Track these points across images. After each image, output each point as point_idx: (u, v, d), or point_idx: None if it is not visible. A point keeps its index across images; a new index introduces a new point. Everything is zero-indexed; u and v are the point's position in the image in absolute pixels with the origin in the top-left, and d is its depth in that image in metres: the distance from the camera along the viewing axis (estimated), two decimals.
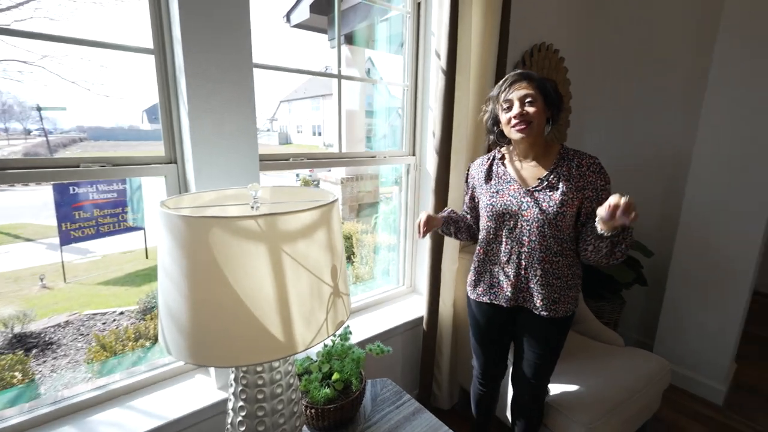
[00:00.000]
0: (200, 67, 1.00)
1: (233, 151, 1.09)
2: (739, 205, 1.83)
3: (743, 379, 2.18)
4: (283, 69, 1.32)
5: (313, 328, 0.68)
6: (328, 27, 3.89)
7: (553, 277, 1.14)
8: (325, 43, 4.47)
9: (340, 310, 0.75)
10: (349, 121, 3.76)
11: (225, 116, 1.06)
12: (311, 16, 3.89)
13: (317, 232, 0.68)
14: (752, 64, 1.72)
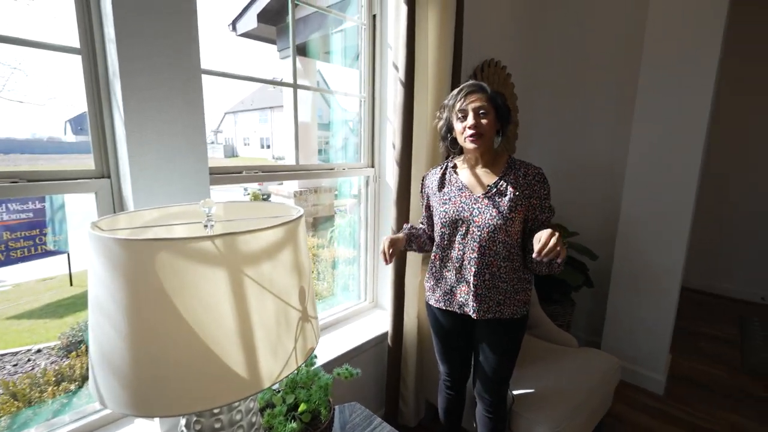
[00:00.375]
0: (139, 71, 0.89)
1: (179, 164, 0.98)
2: (666, 210, 2.02)
3: (677, 369, 2.39)
4: (236, 76, 1.24)
5: (280, 360, 0.60)
6: (278, 37, 3.79)
7: (499, 280, 1.19)
8: (274, 54, 4.36)
9: (309, 335, 0.68)
10: (301, 133, 3.66)
11: (169, 125, 0.95)
12: (259, 26, 3.77)
13: (283, 252, 0.61)
14: (674, 79, 1.93)
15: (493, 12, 2.13)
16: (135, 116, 0.90)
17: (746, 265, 3.47)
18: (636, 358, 2.19)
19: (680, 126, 1.93)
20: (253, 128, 8.90)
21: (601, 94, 2.38)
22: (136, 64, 0.88)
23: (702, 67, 1.84)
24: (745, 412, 2.01)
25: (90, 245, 0.54)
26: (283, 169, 1.44)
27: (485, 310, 1.21)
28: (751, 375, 2.34)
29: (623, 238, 2.18)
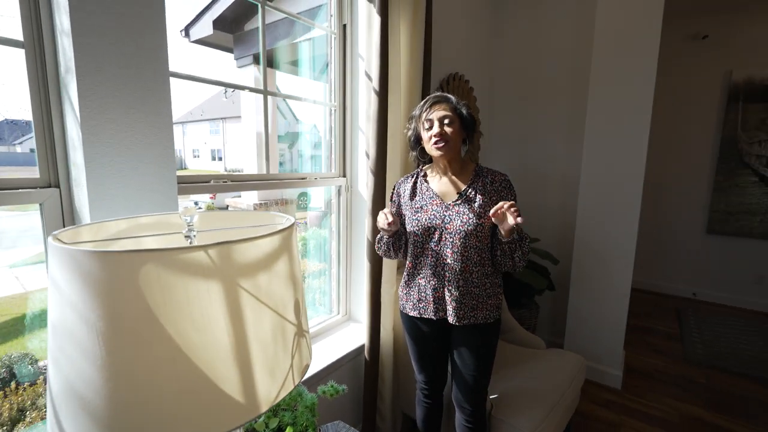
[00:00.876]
0: (100, 69, 0.80)
1: (144, 172, 0.89)
2: (617, 215, 2.18)
3: (631, 363, 2.55)
4: (207, 81, 1.16)
5: (278, 379, 0.55)
6: (235, 46, 3.67)
7: (472, 285, 1.22)
8: (230, 63, 4.20)
9: (304, 352, 0.63)
10: (259, 143, 3.54)
11: (134, 130, 0.87)
12: (215, 33, 3.63)
13: (278, 262, 0.57)
14: (618, 97, 2.11)
15: (457, 28, 2.22)
16: (93, 119, 0.81)
17: (679, 264, 3.84)
18: (596, 355, 2.32)
19: (626, 139, 2.11)
20: (203, 139, 8.48)
21: (554, 107, 2.55)
22: (97, 61, 0.80)
23: (642, 87, 2.04)
24: (691, 399, 2.18)
25: (53, 261, 0.47)
26: (254, 179, 1.37)
27: (461, 316, 1.23)
28: (692, 364, 2.56)
29: (580, 243, 2.32)
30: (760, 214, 3.44)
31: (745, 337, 2.93)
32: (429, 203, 1.26)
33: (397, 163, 1.55)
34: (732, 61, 3.43)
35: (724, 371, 2.47)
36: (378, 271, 1.55)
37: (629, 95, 2.08)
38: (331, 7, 1.65)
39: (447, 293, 1.23)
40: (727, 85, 3.47)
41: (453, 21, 2.16)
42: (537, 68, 2.58)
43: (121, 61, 0.83)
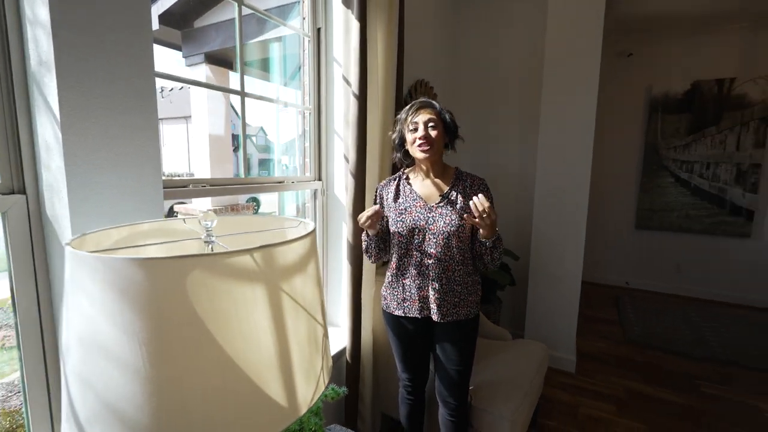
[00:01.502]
0: (83, 63, 0.74)
1: (130, 176, 0.83)
2: (567, 213, 2.39)
3: (582, 348, 2.80)
4: (183, 80, 1.11)
5: (312, 381, 0.56)
6: (183, 43, 3.46)
7: (455, 283, 1.28)
8: (178, 61, 3.95)
9: (329, 353, 0.64)
10: (215, 145, 3.37)
11: (120, 130, 0.81)
12: (161, 29, 3.40)
13: (310, 264, 0.57)
14: (567, 105, 2.33)
15: (421, 35, 2.30)
16: (77, 119, 0.74)
17: (613, 257, 4.28)
18: (553, 343, 2.51)
19: (574, 147, 2.33)
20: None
21: (510, 113, 2.74)
22: (79, 56, 0.73)
23: (586, 97, 2.26)
24: (632, 375, 2.45)
25: (79, 271, 0.43)
26: (232, 183, 1.32)
27: (445, 313, 1.28)
28: (631, 345, 2.86)
29: (537, 240, 2.50)
30: (677, 210, 3.95)
31: (671, 319, 3.34)
32: (413, 205, 1.30)
33: (375, 167, 1.58)
34: (652, 77, 3.91)
35: (657, 349, 2.80)
36: (358, 273, 1.56)
37: (576, 105, 2.30)
38: (304, 9, 1.64)
39: (431, 292, 1.28)
40: (649, 98, 3.95)
41: (418, 29, 2.24)
42: (494, 76, 2.76)
43: (104, 58, 0.77)
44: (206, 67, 3.31)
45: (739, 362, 2.59)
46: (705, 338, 2.95)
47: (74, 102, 0.74)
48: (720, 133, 3.70)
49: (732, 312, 3.53)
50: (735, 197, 3.69)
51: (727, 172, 3.71)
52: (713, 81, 3.66)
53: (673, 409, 2.11)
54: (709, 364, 2.58)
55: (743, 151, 3.62)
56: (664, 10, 3.29)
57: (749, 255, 3.70)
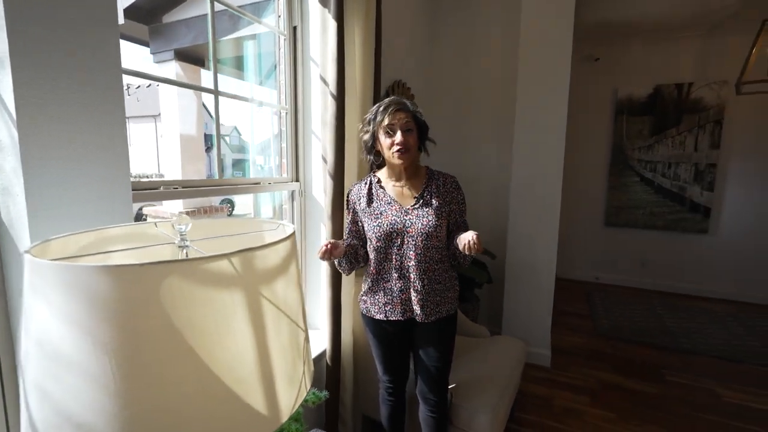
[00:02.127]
0: (42, 58, 0.70)
1: (96, 178, 0.79)
2: (541, 212, 2.46)
3: (556, 343, 2.89)
4: (153, 78, 1.06)
5: (294, 387, 0.54)
6: (151, 39, 3.32)
7: (435, 282, 1.29)
8: (146, 58, 3.79)
9: (311, 357, 0.63)
10: (186, 145, 3.25)
11: (84, 128, 0.76)
12: (126, 23, 3.25)
13: (291, 267, 0.56)
14: (540, 109, 2.39)
15: (399, 37, 2.31)
16: (35, 117, 0.69)
17: (584, 253, 4.45)
18: (529, 339, 2.58)
19: (547, 149, 2.40)
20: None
21: (486, 114, 2.79)
22: (38, 50, 0.69)
23: (558, 98, 2.34)
24: (604, 366, 2.55)
25: (42, 281, 0.41)
26: (206, 185, 1.27)
27: (428, 313, 1.29)
28: (601, 338, 2.98)
29: (512, 239, 2.56)
30: (642, 208, 4.14)
31: (638, 312, 3.50)
32: (388, 209, 1.29)
33: (353, 168, 1.57)
34: (617, 80, 4.09)
35: (626, 341, 2.92)
36: (338, 275, 1.55)
37: (548, 107, 2.37)
38: (279, 7, 1.61)
39: (413, 293, 1.28)
40: (615, 100, 4.13)
41: (396, 30, 2.24)
42: (471, 78, 2.80)
43: (65, 52, 0.73)
44: (176, 64, 3.19)
45: (700, 351, 2.74)
46: (669, 329, 3.11)
47: (32, 99, 0.69)
48: (680, 135, 3.91)
49: (693, 304, 3.74)
50: (694, 195, 3.91)
51: (687, 172, 3.93)
52: (673, 85, 3.87)
53: (641, 397, 2.22)
54: (673, 353, 2.73)
55: (701, 152, 3.84)
56: (627, 16, 3.45)
57: (707, 250, 3.93)
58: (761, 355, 2.68)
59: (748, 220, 3.77)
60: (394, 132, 1.23)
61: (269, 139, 1.75)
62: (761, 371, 2.49)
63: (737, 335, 3.02)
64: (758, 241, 3.74)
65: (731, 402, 2.17)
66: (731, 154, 3.77)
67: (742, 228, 3.80)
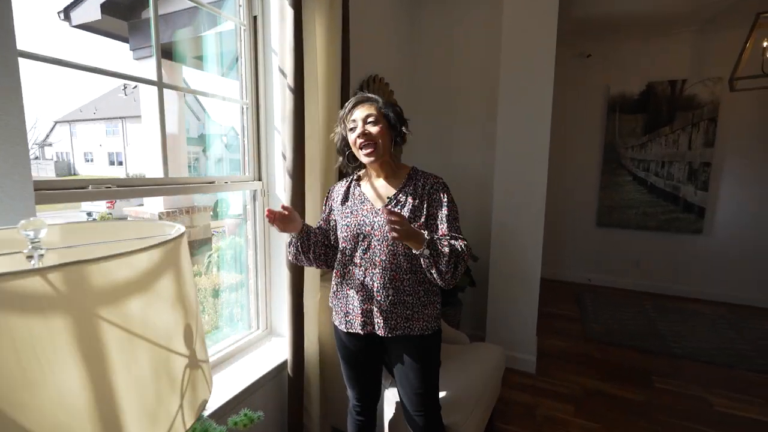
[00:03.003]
0: None
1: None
2: (526, 213, 2.37)
3: (542, 347, 2.80)
4: (77, 66, 0.97)
5: (162, 426, 0.45)
6: (131, 35, 3.23)
7: (404, 294, 1.15)
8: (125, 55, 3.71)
9: (200, 385, 0.53)
10: (168, 145, 3.16)
11: None
12: (104, 18, 3.16)
13: (160, 282, 0.46)
14: (523, 108, 2.30)
15: (377, 30, 2.22)
16: None
17: (575, 254, 4.36)
18: (514, 344, 2.49)
19: (531, 148, 2.31)
20: (97, 141, 7.37)
21: (470, 113, 2.70)
22: None
23: (542, 97, 2.25)
24: (590, 372, 2.46)
25: None
26: (148, 183, 1.18)
27: (392, 327, 1.15)
28: (590, 342, 2.89)
29: (496, 241, 2.47)
30: (635, 208, 4.05)
31: (629, 314, 3.42)
32: (359, 208, 1.20)
33: (316, 165, 1.48)
34: (609, 77, 4.00)
35: (615, 345, 2.83)
36: (299, 280, 1.46)
37: (532, 106, 2.28)
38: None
39: (375, 305, 1.15)
40: (607, 98, 4.04)
41: (371, 23, 2.15)
42: (453, 76, 2.71)
43: None
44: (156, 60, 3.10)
45: (691, 356, 2.65)
46: (660, 332, 3.02)
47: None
48: (673, 133, 3.82)
49: (686, 306, 3.65)
50: (688, 195, 3.82)
51: (680, 171, 3.84)
52: (666, 82, 3.78)
53: (626, 405, 2.13)
54: (663, 358, 2.64)
55: (694, 150, 3.75)
56: (619, 12, 3.36)
57: (701, 251, 3.84)
58: (751, 360, 2.60)
59: (743, 221, 3.69)
60: (356, 126, 1.15)
61: (233, 135, 1.67)
62: (751, 377, 2.41)
63: (728, 339, 2.93)
64: (753, 241, 3.66)
65: (720, 410, 2.08)
66: (726, 152, 3.68)
67: (737, 228, 3.71)
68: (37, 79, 1.61)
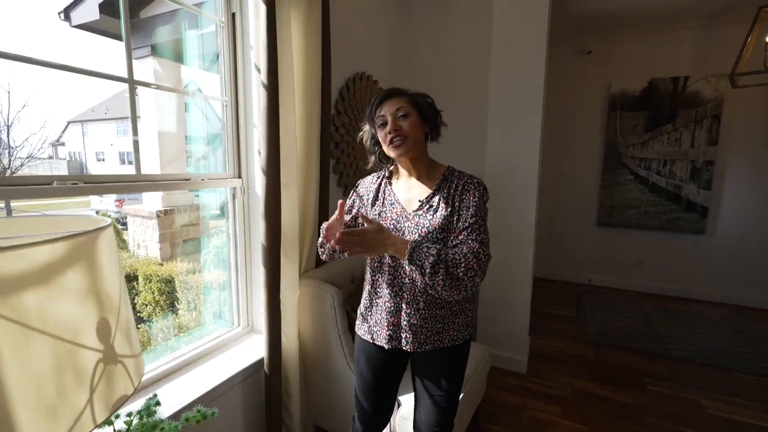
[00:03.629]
0: None
1: None
2: (518, 213, 2.34)
3: (536, 348, 2.76)
4: (36, 62, 0.98)
5: (63, 422, 0.45)
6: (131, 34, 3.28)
7: (436, 307, 1.07)
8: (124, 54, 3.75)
9: (119, 381, 0.53)
10: (164, 143, 3.19)
11: None
12: (102, 18, 3.21)
13: (67, 275, 0.46)
14: (514, 100, 2.27)
15: (364, 27, 2.21)
16: None
17: (576, 254, 4.29)
18: (504, 344, 2.46)
19: (522, 144, 2.27)
20: (109, 141, 7.50)
21: (460, 109, 2.67)
22: None
23: (533, 98, 2.21)
24: (582, 374, 2.42)
25: None
26: (117, 180, 1.19)
27: (421, 342, 1.07)
28: (586, 343, 2.84)
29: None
30: (636, 207, 3.98)
31: (628, 315, 3.35)
32: (389, 210, 1.11)
33: (291, 162, 1.47)
34: (610, 74, 3.92)
35: (611, 346, 2.78)
36: (275, 278, 1.46)
37: (523, 105, 2.24)
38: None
39: (404, 318, 1.07)
40: (608, 95, 3.97)
41: (357, 18, 2.14)
42: (444, 73, 2.69)
43: None
44: (153, 60, 3.13)
45: (688, 358, 2.59)
46: (658, 334, 2.96)
47: None
48: (675, 131, 3.74)
49: (687, 307, 3.57)
50: (690, 194, 3.74)
51: (683, 169, 3.76)
52: (669, 79, 3.70)
53: (617, 407, 2.08)
54: (659, 360, 2.58)
55: (697, 149, 3.67)
56: (620, 7, 3.30)
57: (704, 251, 3.75)
58: (751, 363, 2.53)
59: (747, 221, 3.59)
60: (386, 122, 1.05)
61: (211, 132, 1.67)
62: (748, 380, 2.34)
63: (728, 341, 2.86)
64: (757, 242, 3.56)
65: (714, 414, 2.03)
66: (730, 150, 3.58)
67: (741, 229, 3.62)
68: (46, 80, 1.62)
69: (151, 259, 2.78)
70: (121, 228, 3.15)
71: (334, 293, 1.55)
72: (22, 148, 2.04)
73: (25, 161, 2.05)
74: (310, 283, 1.61)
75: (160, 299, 2.49)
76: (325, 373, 1.62)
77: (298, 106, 1.52)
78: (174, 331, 2.17)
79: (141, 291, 2.58)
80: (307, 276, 1.67)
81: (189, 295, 2.41)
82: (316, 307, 1.59)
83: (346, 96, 2.03)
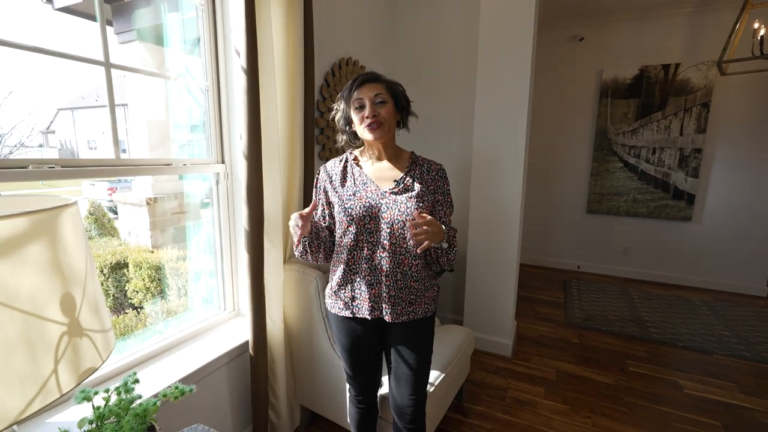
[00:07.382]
0: None
1: None
2: (504, 199, 2.36)
3: (521, 332, 2.82)
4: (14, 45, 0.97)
5: (29, 389, 0.47)
6: (114, 19, 3.21)
7: (411, 279, 1.15)
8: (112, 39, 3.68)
9: (86, 353, 0.55)
10: (153, 129, 3.17)
11: None
12: (85, 1, 3.15)
13: (27, 249, 0.47)
14: (502, 86, 2.27)
15: (348, 11, 2.18)
16: None
17: (565, 241, 4.34)
18: (490, 327, 2.51)
19: (509, 132, 2.28)
20: (100, 128, 7.42)
21: (447, 96, 2.67)
22: None
23: (521, 86, 2.21)
24: (566, 357, 2.48)
25: None
26: (95, 164, 1.19)
27: (399, 313, 1.15)
28: (571, 328, 2.91)
29: (474, 226, 2.47)
30: (625, 195, 4.01)
31: (613, 300, 3.42)
32: (363, 189, 1.15)
33: (273, 147, 1.47)
34: (602, 61, 3.92)
35: (595, 330, 2.85)
36: (258, 262, 1.47)
37: (511, 92, 2.24)
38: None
39: (384, 289, 1.14)
40: (599, 82, 3.96)
41: (343, 3, 2.12)
42: (432, 59, 2.67)
43: None
44: (140, 44, 3.08)
45: (670, 341, 2.66)
46: (641, 318, 3.03)
47: None
48: (665, 119, 3.75)
49: (672, 292, 3.65)
50: (678, 182, 3.77)
51: (671, 157, 3.79)
52: (659, 66, 3.70)
53: (597, 387, 2.15)
54: (641, 343, 2.65)
55: (686, 136, 3.69)
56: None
57: (690, 238, 3.81)
58: (730, 345, 2.60)
59: (732, 208, 3.64)
60: (363, 106, 1.10)
61: (201, 117, 1.66)
62: (726, 362, 2.42)
63: (708, 324, 2.93)
64: (742, 229, 3.62)
65: (690, 393, 2.10)
66: (718, 138, 3.61)
67: (726, 216, 3.67)
68: (32, 66, 1.60)
69: (141, 247, 2.79)
70: (113, 217, 3.15)
71: (318, 278, 1.57)
72: (10, 136, 2.01)
73: (13, 149, 2.03)
74: (295, 268, 1.63)
75: (150, 286, 2.51)
76: (310, 354, 1.65)
77: (279, 90, 1.52)
78: (162, 316, 2.19)
79: (131, 278, 2.59)
80: (292, 261, 1.69)
81: (179, 282, 2.43)
82: (300, 291, 1.61)
83: (331, 81, 2.02)
